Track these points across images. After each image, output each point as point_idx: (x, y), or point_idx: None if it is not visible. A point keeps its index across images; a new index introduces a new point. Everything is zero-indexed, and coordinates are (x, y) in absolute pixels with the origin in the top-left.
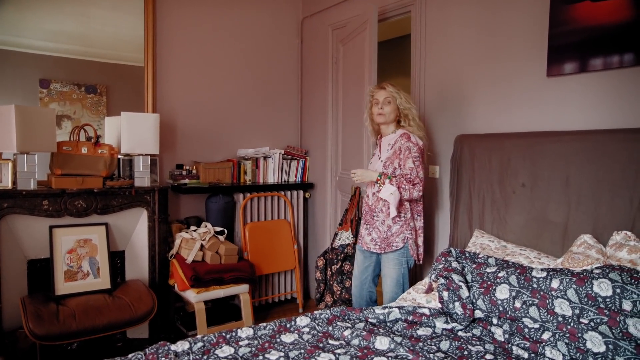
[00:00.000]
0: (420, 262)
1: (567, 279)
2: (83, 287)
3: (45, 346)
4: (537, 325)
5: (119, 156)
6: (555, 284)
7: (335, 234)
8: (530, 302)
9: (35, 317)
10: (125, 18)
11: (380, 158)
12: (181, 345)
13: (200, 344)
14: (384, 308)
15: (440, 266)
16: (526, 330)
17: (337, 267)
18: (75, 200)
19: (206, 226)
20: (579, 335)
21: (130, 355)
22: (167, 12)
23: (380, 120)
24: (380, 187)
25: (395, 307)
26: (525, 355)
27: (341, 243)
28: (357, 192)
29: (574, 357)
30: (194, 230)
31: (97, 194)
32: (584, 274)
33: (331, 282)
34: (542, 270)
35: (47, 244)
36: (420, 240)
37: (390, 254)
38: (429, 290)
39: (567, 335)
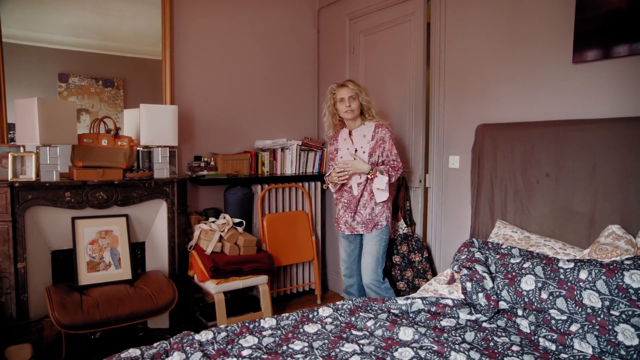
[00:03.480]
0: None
1: (596, 270)
2: (105, 278)
3: (70, 335)
4: (564, 317)
5: (138, 148)
6: (583, 275)
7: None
8: (557, 293)
9: (61, 307)
10: (143, 10)
11: (356, 150)
12: (205, 335)
13: (224, 334)
14: (407, 299)
15: (463, 257)
16: (553, 322)
17: (403, 253)
18: (96, 192)
19: (225, 217)
20: (610, 327)
21: (155, 344)
22: (185, 4)
23: (348, 117)
24: (372, 177)
25: (418, 298)
26: (553, 347)
27: (399, 233)
28: (404, 183)
29: (604, 349)
30: (213, 222)
31: (117, 186)
32: (614, 265)
33: (397, 270)
34: (569, 261)
35: (70, 235)
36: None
37: (375, 232)
38: (451, 281)
39: (597, 327)
